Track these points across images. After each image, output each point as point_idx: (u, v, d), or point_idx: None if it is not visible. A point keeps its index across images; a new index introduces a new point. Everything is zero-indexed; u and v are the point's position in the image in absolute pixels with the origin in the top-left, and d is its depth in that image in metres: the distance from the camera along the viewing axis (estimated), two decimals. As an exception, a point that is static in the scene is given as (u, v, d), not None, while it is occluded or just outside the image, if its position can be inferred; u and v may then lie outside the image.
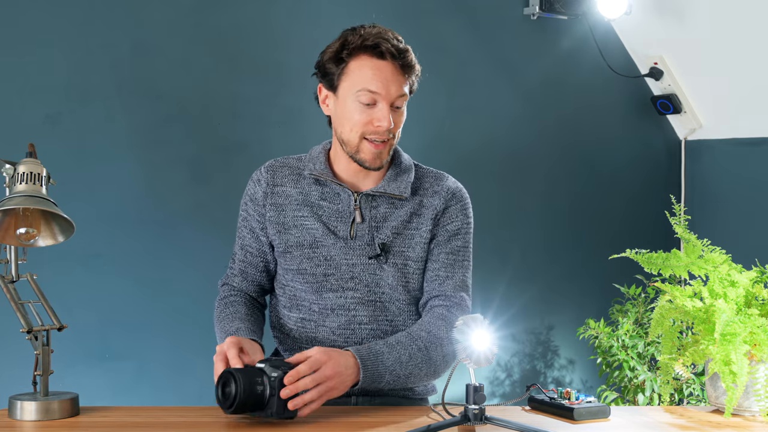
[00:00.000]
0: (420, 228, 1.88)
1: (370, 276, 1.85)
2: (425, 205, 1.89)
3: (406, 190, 1.87)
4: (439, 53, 3.25)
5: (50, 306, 1.68)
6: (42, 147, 1.79)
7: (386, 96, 1.78)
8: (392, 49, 1.78)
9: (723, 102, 3.46)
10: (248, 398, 1.54)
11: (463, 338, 1.55)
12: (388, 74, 1.78)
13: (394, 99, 1.80)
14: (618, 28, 3.51)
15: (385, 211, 1.87)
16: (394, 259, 1.86)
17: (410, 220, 1.88)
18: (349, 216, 1.86)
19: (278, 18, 3.00)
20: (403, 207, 1.88)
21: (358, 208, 1.86)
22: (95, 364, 2.76)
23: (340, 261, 1.85)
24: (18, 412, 1.61)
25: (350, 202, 1.86)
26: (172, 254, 2.86)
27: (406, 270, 1.87)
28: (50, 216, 1.69)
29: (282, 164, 1.94)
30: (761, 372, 1.66)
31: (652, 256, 1.80)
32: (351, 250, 1.85)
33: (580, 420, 1.65)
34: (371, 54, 1.78)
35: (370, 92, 1.78)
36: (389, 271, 1.85)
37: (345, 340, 1.87)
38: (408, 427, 1.57)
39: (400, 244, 1.86)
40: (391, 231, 1.86)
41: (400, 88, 1.80)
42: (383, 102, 1.79)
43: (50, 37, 2.69)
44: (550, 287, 3.49)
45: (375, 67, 1.78)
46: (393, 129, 1.82)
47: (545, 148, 3.45)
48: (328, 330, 1.87)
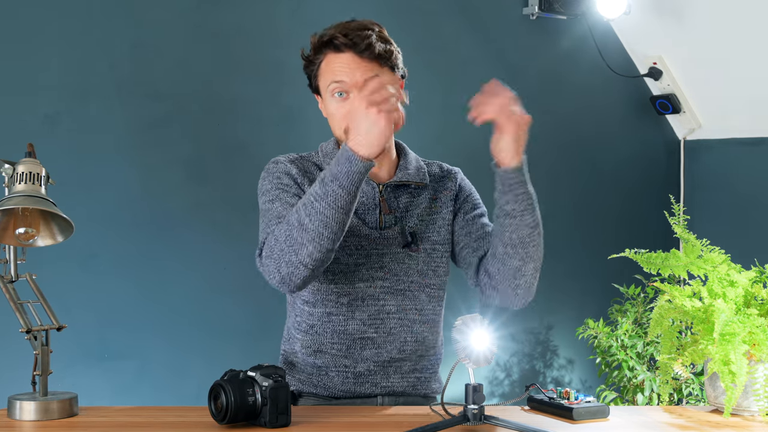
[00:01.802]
0: (441, 211, 1.93)
1: (398, 265, 1.86)
2: (439, 189, 1.94)
3: (425, 177, 1.93)
4: (439, 53, 3.25)
5: (49, 306, 1.68)
6: (41, 147, 1.79)
7: (353, 84, 1.80)
8: (345, 41, 1.80)
9: (722, 102, 3.46)
10: (240, 409, 1.54)
11: (462, 338, 1.55)
12: (350, 63, 1.80)
13: (363, 84, 1.79)
14: (617, 28, 3.52)
15: (407, 200, 1.90)
16: (424, 245, 1.89)
17: (430, 205, 1.92)
18: (375, 207, 1.88)
19: (278, 18, 3.00)
20: (421, 194, 1.92)
21: (383, 199, 1.88)
22: (94, 364, 2.76)
23: (371, 251, 1.86)
24: (17, 412, 1.61)
25: (375, 193, 1.88)
26: (171, 254, 2.86)
27: (435, 254, 1.90)
28: (49, 216, 1.69)
29: (299, 158, 1.93)
30: (760, 372, 1.66)
31: (651, 255, 1.80)
32: (382, 239, 1.86)
33: (579, 420, 1.65)
34: (331, 50, 1.82)
35: (338, 83, 1.81)
36: (420, 257, 1.88)
37: (375, 330, 1.86)
38: (407, 426, 1.57)
39: (425, 230, 1.90)
40: (417, 219, 1.90)
41: (367, 72, 1.80)
42: (354, 90, 1.80)
43: (49, 37, 2.69)
44: (549, 287, 3.47)
45: (337, 61, 1.81)
46: None
47: (544, 147, 3.45)
48: (357, 321, 1.85)
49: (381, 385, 1.87)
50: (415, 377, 1.90)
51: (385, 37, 1.85)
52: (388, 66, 1.84)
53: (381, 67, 1.82)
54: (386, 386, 1.87)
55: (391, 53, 1.84)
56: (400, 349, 1.86)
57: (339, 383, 1.86)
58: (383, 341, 1.86)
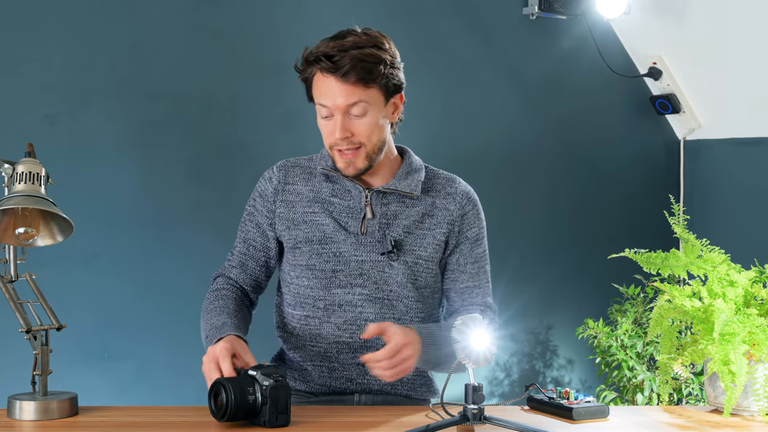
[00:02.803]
0: (433, 229, 1.90)
1: (378, 273, 1.86)
2: (438, 206, 1.91)
3: (417, 189, 1.89)
4: (438, 53, 3.25)
5: (49, 306, 1.68)
6: (41, 147, 1.79)
7: (335, 107, 1.79)
8: (327, 65, 1.77)
9: (722, 102, 3.46)
10: (239, 408, 1.54)
11: (462, 338, 1.55)
12: (332, 87, 1.78)
13: (345, 109, 1.79)
14: (617, 28, 3.52)
15: (396, 209, 1.89)
16: (405, 257, 1.87)
17: (422, 220, 1.90)
18: (359, 212, 1.87)
19: (278, 18, 3.00)
20: (415, 206, 1.90)
21: (369, 205, 1.87)
22: (94, 363, 2.76)
23: (350, 257, 1.86)
24: (17, 411, 1.61)
25: (361, 198, 1.88)
26: (171, 254, 2.86)
27: (417, 268, 1.88)
28: (49, 216, 1.69)
29: (293, 164, 1.96)
30: (760, 372, 1.66)
31: (651, 255, 1.80)
32: (361, 246, 1.86)
33: (579, 420, 1.65)
34: (317, 68, 1.80)
35: (322, 106, 1.81)
36: (399, 268, 1.87)
37: (350, 336, 1.87)
38: (407, 426, 1.58)
39: (411, 242, 1.88)
40: (403, 229, 1.88)
41: (349, 98, 1.78)
42: (336, 113, 1.80)
43: (49, 37, 2.69)
44: (549, 287, 3.49)
45: (322, 81, 1.80)
46: (356, 137, 1.81)
47: (544, 147, 3.45)
48: (332, 326, 1.88)
49: (357, 381, 1.88)
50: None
51: (375, 55, 1.78)
52: (377, 84, 1.79)
53: (366, 88, 1.78)
54: (362, 383, 1.89)
55: (379, 73, 1.78)
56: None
57: (316, 377, 1.89)
58: (359, 347, 1.88)
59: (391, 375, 1.69)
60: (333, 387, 1.89)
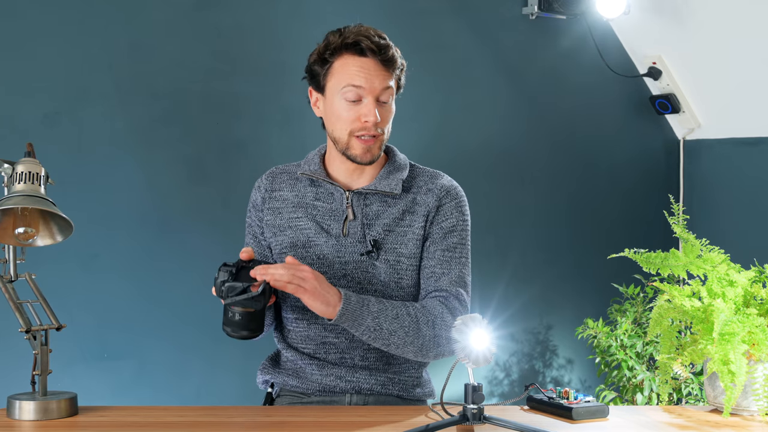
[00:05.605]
0: (413, 225, 1.90)
1: (362, 273, 1.87)
2: (418, 202, 1.91)
3: (397, 187, 1.89)
4: (438, 52, 3.25)
5: (49, 306, 1.68)
6: (40, 147, 1.79)
7: (371, 90, 1.81)
8: (372, 46, 1.81)
9: (721, 102, 3.46)
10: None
11: (462, 338, 1.55)
12: (370, 69, 1.81)
13: (379, 93, 1.82)
14: (616, 28, 3.52)
15: (378, 209, 1.89)
16: (387, 256, 1.87)
17: (403, 217, 1.90)
18: (342, 214, 1.89)
19: (278, 18, 3.00)
20: (396, 204, 1.90)
21: (350, 206, 1.88)
22: (94, 363, 2.76)
23: (333, 259, 1.87)
24: (16, 411, 1.61)
25: (343, 200, 1.89)
26: (171, 254, 2.86)
27: (399, 267, 1.88)
28: (49, 216, 1.69)
29: (281, 171, 1.99)
30: (759, 371, 1.66)
31: (651, 255, 1.80)
32: (343, 247, 1.87)
33: (578, 419, 1.65)
34: (353, 52, 1.82)
35: (355, 87, 1.81)
36: (381, 267, 1.87)
37: (336, 336, 1.88)
38: (406, 426, 1.58)
39: (392, 240, 1.88)
40: (383, 228, 1.88)
41: (384, 81, 1.82)
42: (369, 96, 1.82)
43: (49, 37, 2.69)
44: (548, 287, 3.49)
45: (357, 64, 1.82)
46: (380, 124, 1.84)
47: (544, 147, 3.45)
48: (319, 327, 1.89)
49: (346, 379, 1.88)
50: (386, 377, 1.90)
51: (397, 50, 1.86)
52: (396, 79, 1.87)
53: (392, 77, 1.85)
54: (351, 380, 1.89)
55: (403, 68, 1.87)
56: (363, 356, 1.89)
57: (309, 374, 1.89)
58: (346, 347, 1.89)
59: (284, 276, 1.66)
60: (324, 385, 1.89)
